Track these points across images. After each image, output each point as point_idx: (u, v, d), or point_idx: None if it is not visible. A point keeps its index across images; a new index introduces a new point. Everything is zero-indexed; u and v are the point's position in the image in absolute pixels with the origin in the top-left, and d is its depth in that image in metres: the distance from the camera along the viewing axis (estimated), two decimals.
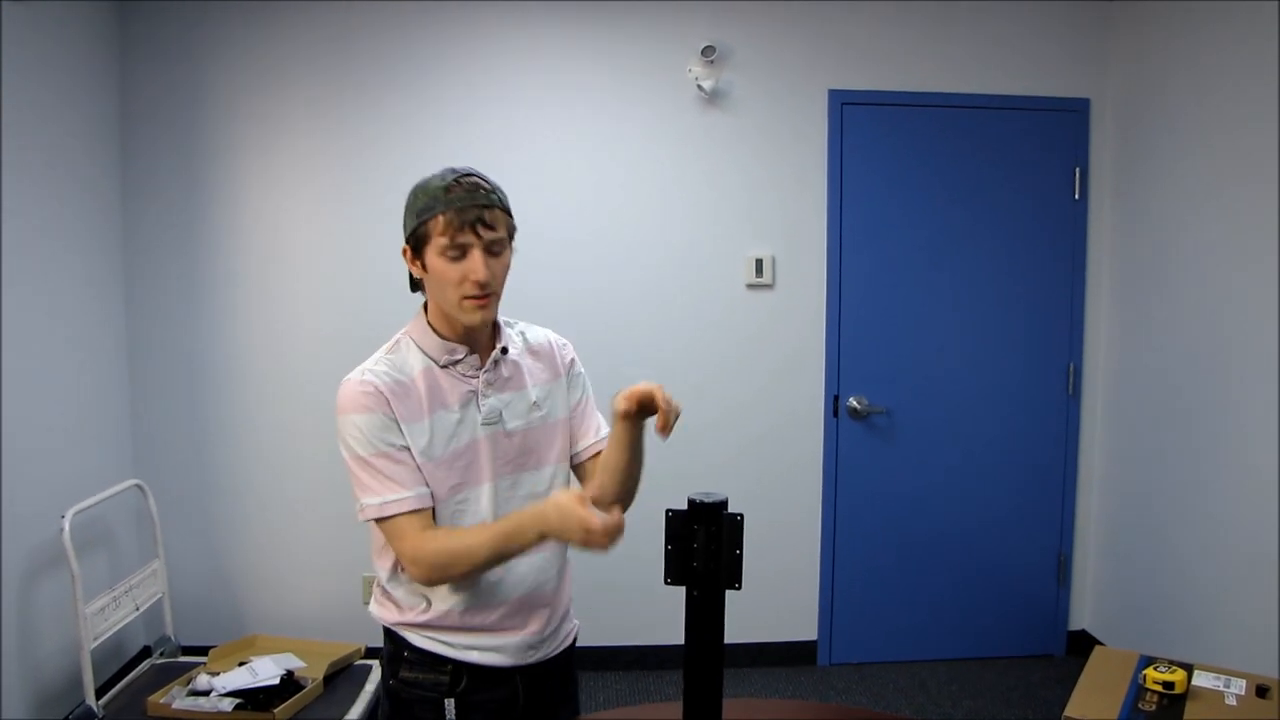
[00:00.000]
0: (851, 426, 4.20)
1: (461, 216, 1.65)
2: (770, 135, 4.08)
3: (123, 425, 3.92)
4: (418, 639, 1.82)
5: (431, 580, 1.73)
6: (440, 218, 1.66)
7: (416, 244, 1.71)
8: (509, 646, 1.83)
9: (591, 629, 2.23)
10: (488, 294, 1.70)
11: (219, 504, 4.02)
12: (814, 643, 4.30)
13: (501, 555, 1.69)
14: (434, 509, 1.74)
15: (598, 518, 1.52)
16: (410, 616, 1.81)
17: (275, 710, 3.26)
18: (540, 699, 1.92)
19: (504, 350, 1.82)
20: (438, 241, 1.67)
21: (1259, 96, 3.24)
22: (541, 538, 1.64)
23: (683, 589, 1.48)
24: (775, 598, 4.24)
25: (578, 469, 1.94)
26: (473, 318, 1.72)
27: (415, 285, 1.82)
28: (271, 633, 4.00)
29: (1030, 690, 4.04)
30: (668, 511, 1.44)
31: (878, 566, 4.29)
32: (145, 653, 3.94)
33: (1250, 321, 3.31)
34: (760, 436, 4.17)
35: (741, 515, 1.43)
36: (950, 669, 4.27)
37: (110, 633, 3.43)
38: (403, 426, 1.71)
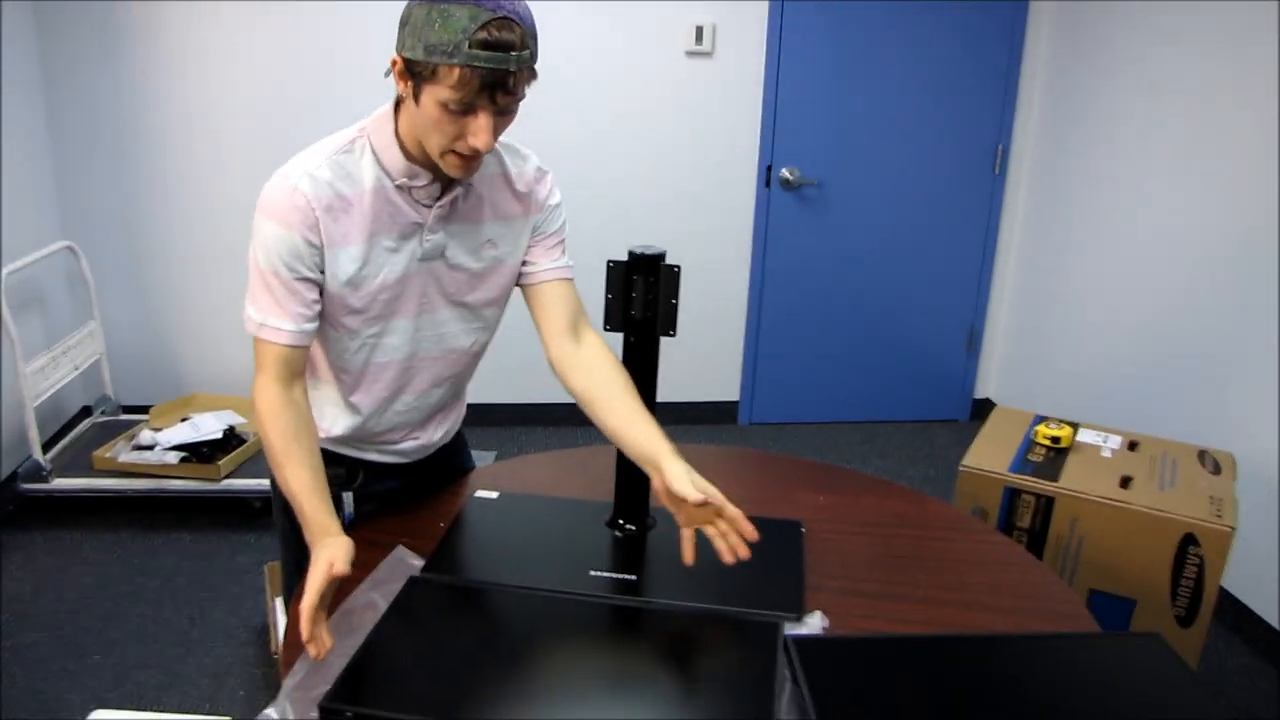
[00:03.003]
0: (782, 197, 4.29)
1: (483, 80, 1.33)
2: None
3: (46, 188, 3.83)
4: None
5: (257, 423, 1.55)
6: (456, 71, 1.32)
7: (415, 73, 1.37)
8: (405, 450, 1.78)
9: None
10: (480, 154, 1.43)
11: (152, 266, 4.02)
12: (735, 403, 4.52)
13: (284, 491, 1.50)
14: (322, 338, 1.60)
15: (307, 600, 1.29)
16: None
17: (219, 462, 3.39)
18: (433, 477, 1.89)
19: (469, 185, 1.57)
20: (443, 91, 1.34)
21: None
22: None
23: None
24: (700, 359, 4.42)
25: (526, 291, 1.69)
26: (454, 173, 1.46)
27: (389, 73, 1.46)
28: (210, 391, 4.09)
29: (935, 450, 4.33)
30: (609, 262, 1.52)
31: (800, 332, 4.48)
32: (85, 413, 4.02)
33: (1170, 109, 3.43)
34: (693, 205, 4.25)
35: (678, 266, 1.51)
36: (862, 430, 4.54)
37: (50, 392, 3.49)
38: (327, 252, 1.49)
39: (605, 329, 1.56)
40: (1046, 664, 1.32)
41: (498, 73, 1.32)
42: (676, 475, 1.39)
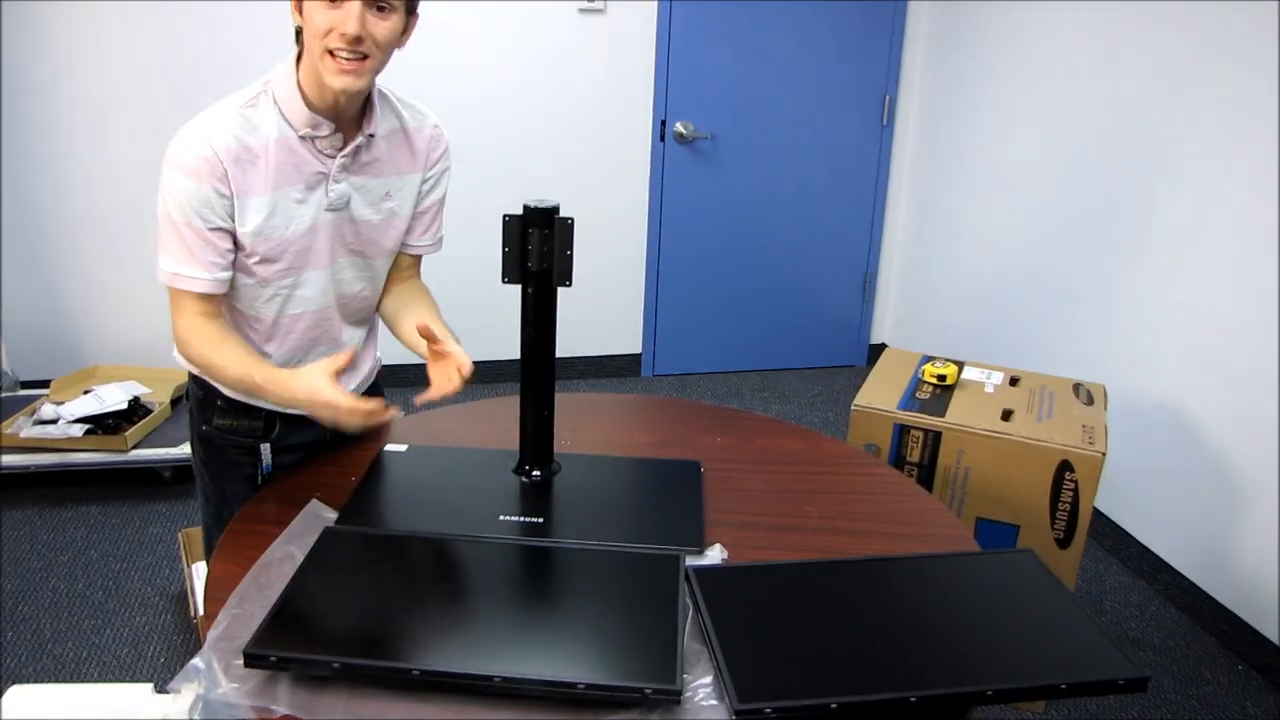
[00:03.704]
0: (677, 150, 4.36)
1: None
2: None
3: None
4: (228, 388, 1.74)
5: (191, 365, 1.68)
6: None
7: None
8: None
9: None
10: (359, 56, 1.46)
11: (43, 238, 3.92)
12: (638, 355, 4.61)
13: (249, 392, 1.62)
14: (236, 289, 1.64)
15: (345, 400, 1.46)
16: None
17: (125, 434, 3.37)
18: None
19: (370, 135, 1.62)
20: None
21: None
22: (286, 404, 1.57)
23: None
24: (602, 313, 4.50)
25: (397, 259, 1.82)
26: (335, 80, 1.47)
27: (298, 36, 1.55)
28: (112, 362, 4.04)
29: (833, 395, 4.47)
30: (504, 217, 1.57)
31: (699, 284, 4.58)
32: None
33: (1040, 58, 3.57)
34: (590, 160, 4.30)
35: (572, 219, 1.57)
36: (762, 378, 4.67)
37: None
38: (236, 202, 1.53)
39: (504, 281, 1.62)
40: (927, 581, 1.43)
41: None
42: (439, 328, 1.62)
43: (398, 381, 4.07)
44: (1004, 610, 1.37)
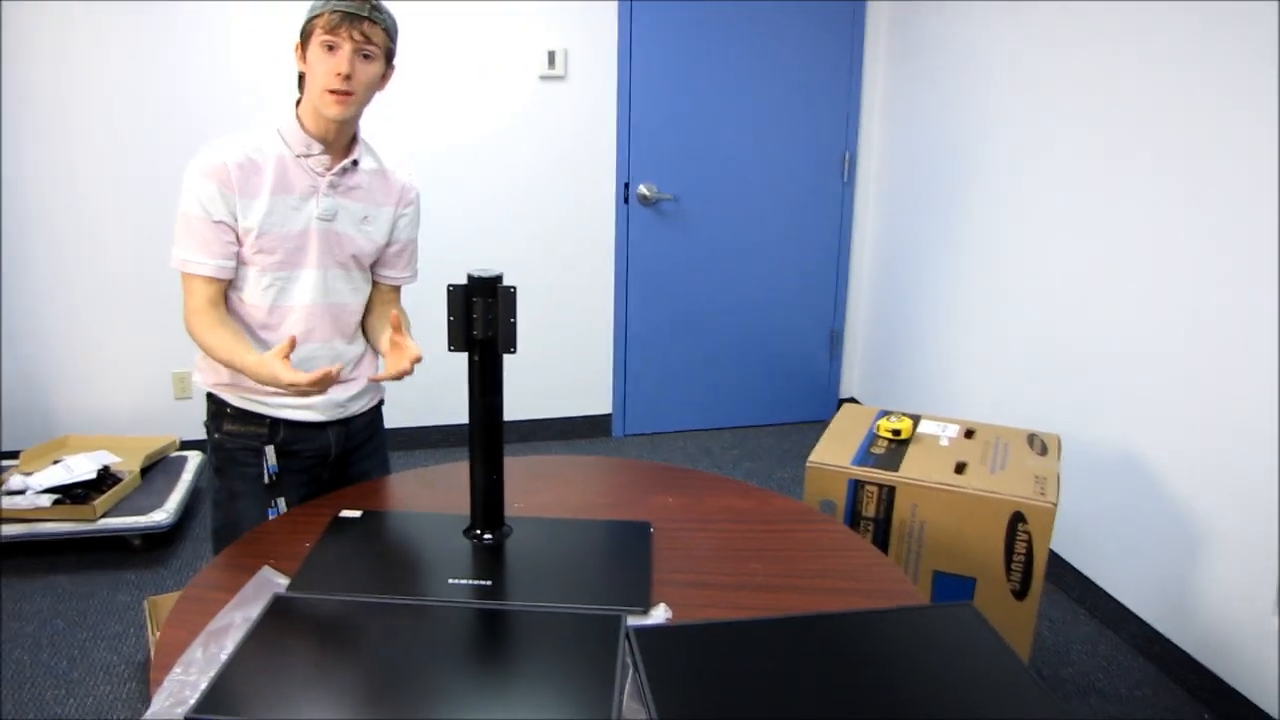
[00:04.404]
0: (641, 212, 4.43)
1: (341, 17, 1.83)
2: None
3: None
4: (236, 399, 2.07)
5: (197, 344, 1.98)
6: (324, 15, 1.84)
7: (304, 39, 1.90)
8: (318, 405, 2.10)
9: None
10: (349, 91, 1.88)
11: (15, 308, 3.95)
12: (609, 416, 4.64)
13: (233, 369, 1.94)
14: (241, 279, 1.99)
15: (287, 375, 1.76)
16: (224, 377, 2.05)
17: (94, 503, 3.37)
18: (352, 451, 2.25)
19: (354, 162, 2.01)
20: (318, 36, 1.85)
21: None
22: (262, 380, 1.85)
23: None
24: (572, 375, 4.54)
25: (380, 289, 2.21)
26: (330, 110, 1.89)
27: (301, 83, 1.98)
28: (83, 432, 4.05)
29: (802, 451, 4.50)
30: (449, 287, 1.62)
31: (668, 344, 4.62)
32: None
33: (998, 111, 3.66)
34: (555, 223, 4.36)
35: (514, 287, 1.62)
36: (733, 435, 4.71)
37: None
38: (239, 202, 1.90)
39: (450, 349, 1.66)
40: (869, 638, 1.46)
41: (355, 17, 1.84)
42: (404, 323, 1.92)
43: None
44: (944, 666, 1.40)
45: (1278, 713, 2.58)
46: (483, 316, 1.62)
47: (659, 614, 1.55)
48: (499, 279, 1.62)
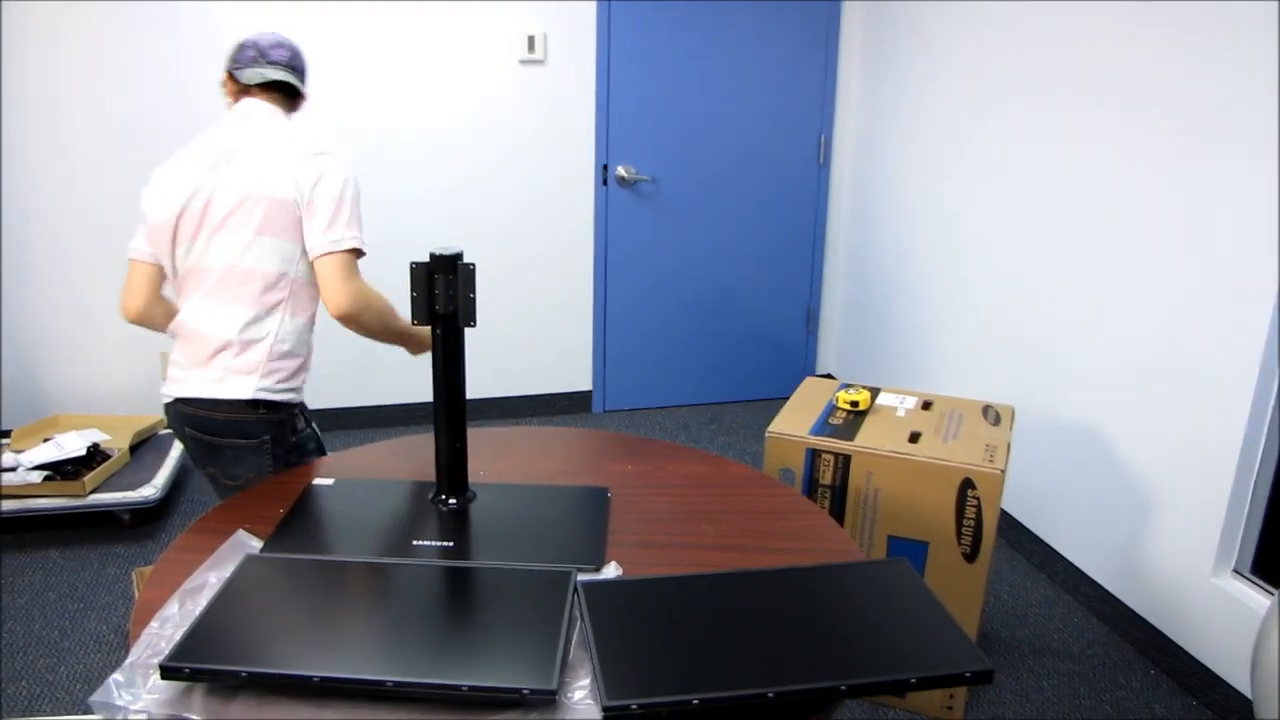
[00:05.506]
0: (620, 194, 4.51)
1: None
2: None
3: None
4: (285, 396, 2.20)
5: (350, 315, 2.08)
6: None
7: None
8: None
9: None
10: None
11: (8, 293, 4.02)
12: (589, 392, 4.74)
13: (403, 335, 2.24)
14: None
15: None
16: (294, 364, 2.20)
17: (84, 479, 3.47)
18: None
19: None
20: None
21: None
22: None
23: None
24: (553, 352, 4.62)
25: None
26: None
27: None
28: (74, 411, 4.14)
29: None
30: (411, 264, 1.71)
31: (646, 322, 4.72)
32: None
33: (980, 96, 3.75)
34: (536, 205, 4.44)
35: (473, 264, 1.71)
36: (710, 411, 4.80)
37: None
38: None
39: (414, 323, 1.75)
40: (802, 590, 1.56)
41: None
42: None
43: (334, 425, 4.22)
44: (870, 613, 1.50)
45: (1216, 666, 2.70)
46: (444, 292, 1.71)
47: (610, 571, 1.65)
48: (459, 256, 1.71)
